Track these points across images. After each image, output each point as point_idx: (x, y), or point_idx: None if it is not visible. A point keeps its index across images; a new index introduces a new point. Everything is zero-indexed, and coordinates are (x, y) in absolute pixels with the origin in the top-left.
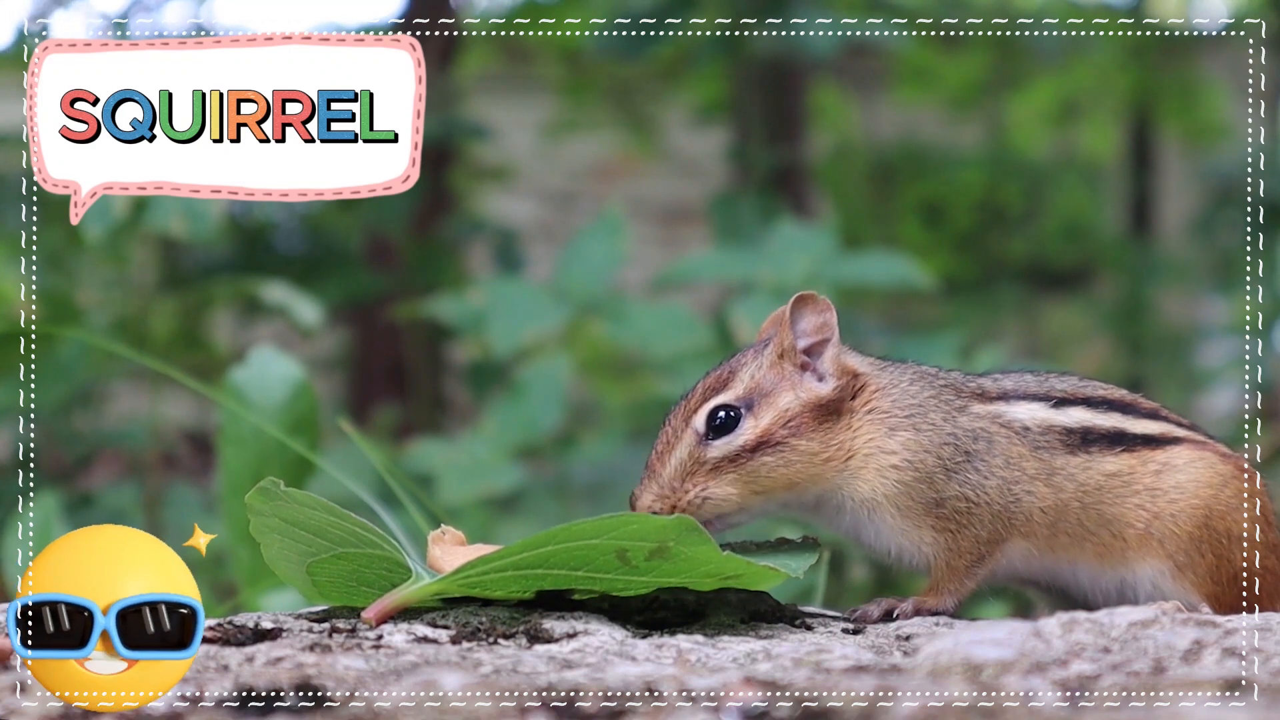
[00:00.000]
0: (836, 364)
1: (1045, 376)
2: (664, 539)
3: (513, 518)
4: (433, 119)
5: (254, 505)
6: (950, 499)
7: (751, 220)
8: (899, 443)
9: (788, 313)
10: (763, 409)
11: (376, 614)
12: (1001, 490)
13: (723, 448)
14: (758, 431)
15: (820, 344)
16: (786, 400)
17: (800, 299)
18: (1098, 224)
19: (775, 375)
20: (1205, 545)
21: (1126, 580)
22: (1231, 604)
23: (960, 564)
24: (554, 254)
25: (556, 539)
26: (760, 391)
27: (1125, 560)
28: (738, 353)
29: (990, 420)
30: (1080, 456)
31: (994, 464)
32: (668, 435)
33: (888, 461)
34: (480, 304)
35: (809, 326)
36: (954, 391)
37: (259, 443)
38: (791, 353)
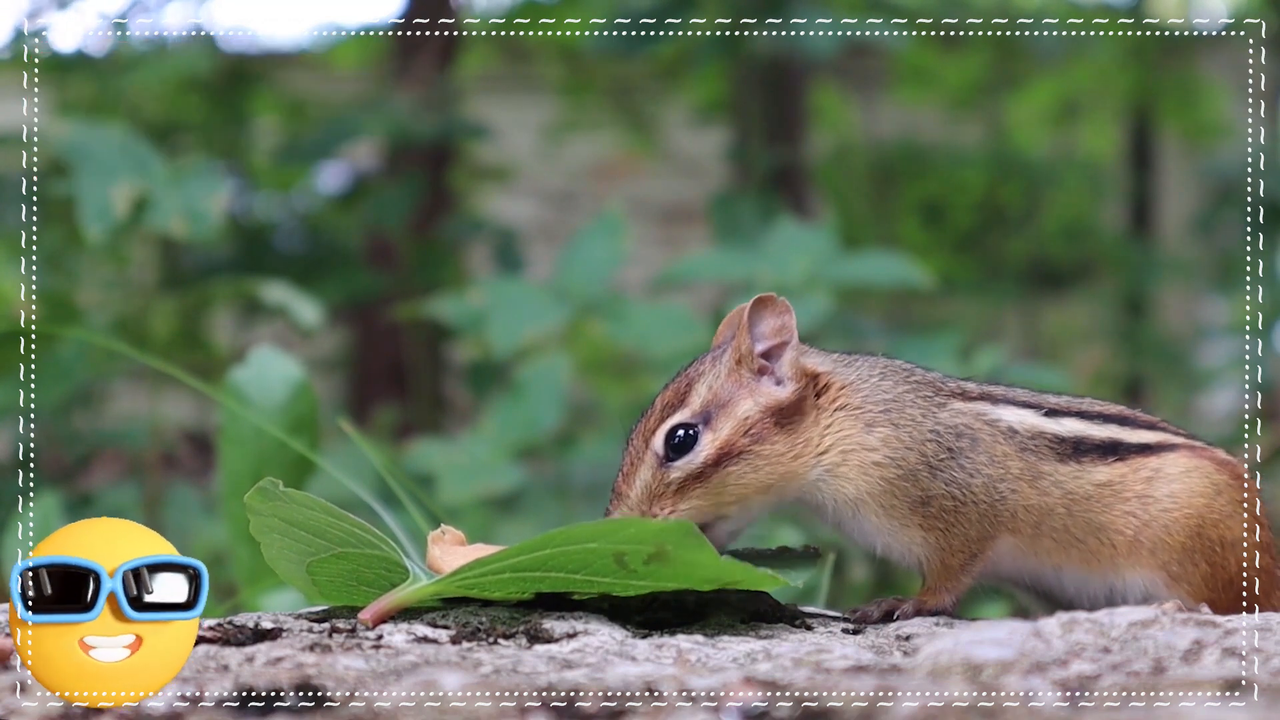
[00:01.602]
0: (795, 367)
1: (1040, 393)
2: (662, 543)
3: (513, 518)
4: (433, 119)
5: (253, 505)
6: (936, 497)
7: (751, 220)
8: (878, 439)
9: (745, 316)
10: (721, 420)
11: (374, 615)
12: (987, 488)
13: (684, 467)
14: (717, 445)
15: (779, 347)
16: (745, 408)
17: (758, 301)
18: (1098, 224)
19: (733, 383)
20: (1199, 555)
21: (1116, 588)
22: (1227, 607)
23: (954, 562)
24: (554, 254)
25: (554, 542)
26: (718, 402)
27: (1115, 567)
28: (696, 360)
29: (974, 417)
30: (1070, 465)
31: (979, 461)
32: (631, 456)
33: (869, 459)
34: (480, 304)
35: (768, 329)
36: (932, 388)
37: (259, 443)
38: (749, 358)
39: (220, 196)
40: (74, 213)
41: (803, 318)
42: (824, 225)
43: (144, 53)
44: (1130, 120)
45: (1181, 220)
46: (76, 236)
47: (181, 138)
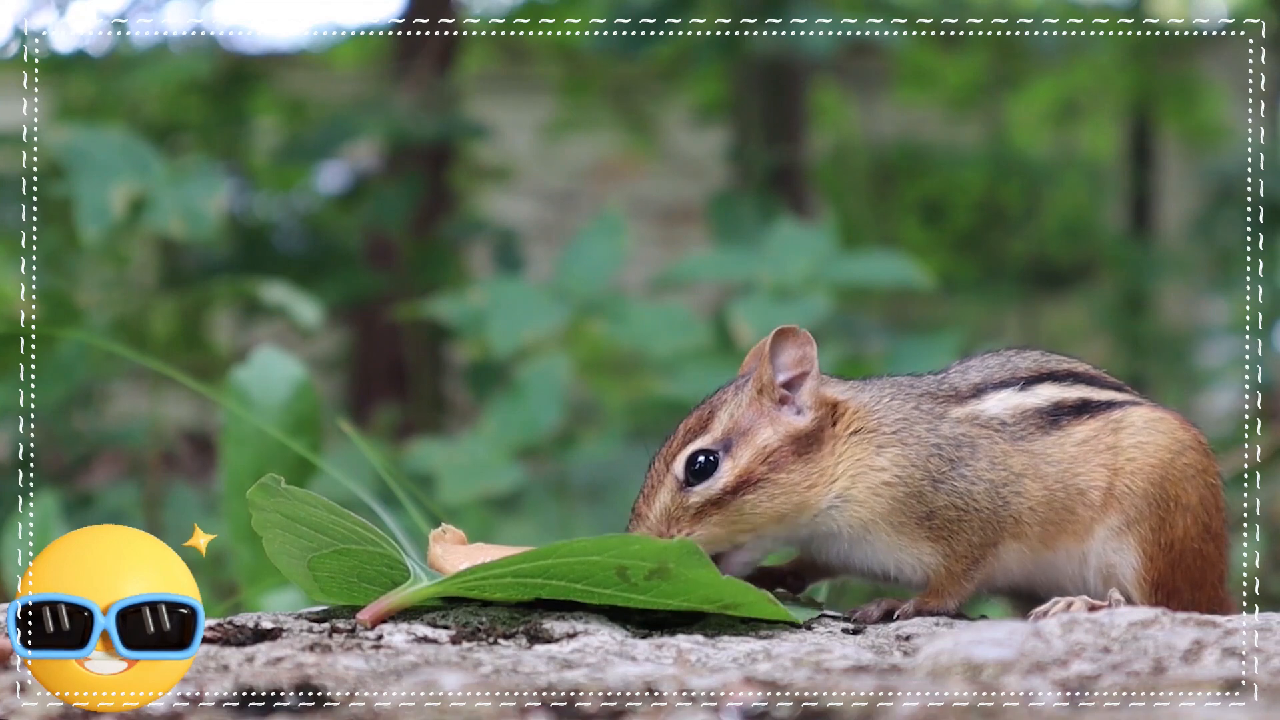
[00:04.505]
0: (815, 396)
1: (1007, 357)
2: (664, 560)
3: (513, 518)
4: (433, 119)
5: (255, 500)
6: (940, 509)
7: (751, 220)
8: (888, 459)
9: (767, 347)
10: (741, 448)
11: (372, 615)
12: (989, 494)
13: (703, 493)
14: (736, 473)
15: (800, 377)
16: (765, 437)
17: (780, 333)
18: (1098, 223)
19: (754, 412)
20: (1155, 504)
21: (1087, 550)
22: (1162, 570)
23: (958, 568)
24: (554, 254)
25: (558, 553)
26: (739, 430)
27: (1090, 530)
28: (721, 389)
29: (970, 424)
30: (1055, 434)
31: (979, 468)
32: (653, 479)
33: (879, 479)
34: (480, 304)
35: (789, 360)
36: (931, 399)
37: (261, 442)
38: (770, 388)
39: (219, 196)
40: (73, 213)
41: (803, 318)
42: (824, 225)
43: (144, 53)
44: (1130, 120)
45: (1181, 220)
46: (76, 236)
47: (181, 138)
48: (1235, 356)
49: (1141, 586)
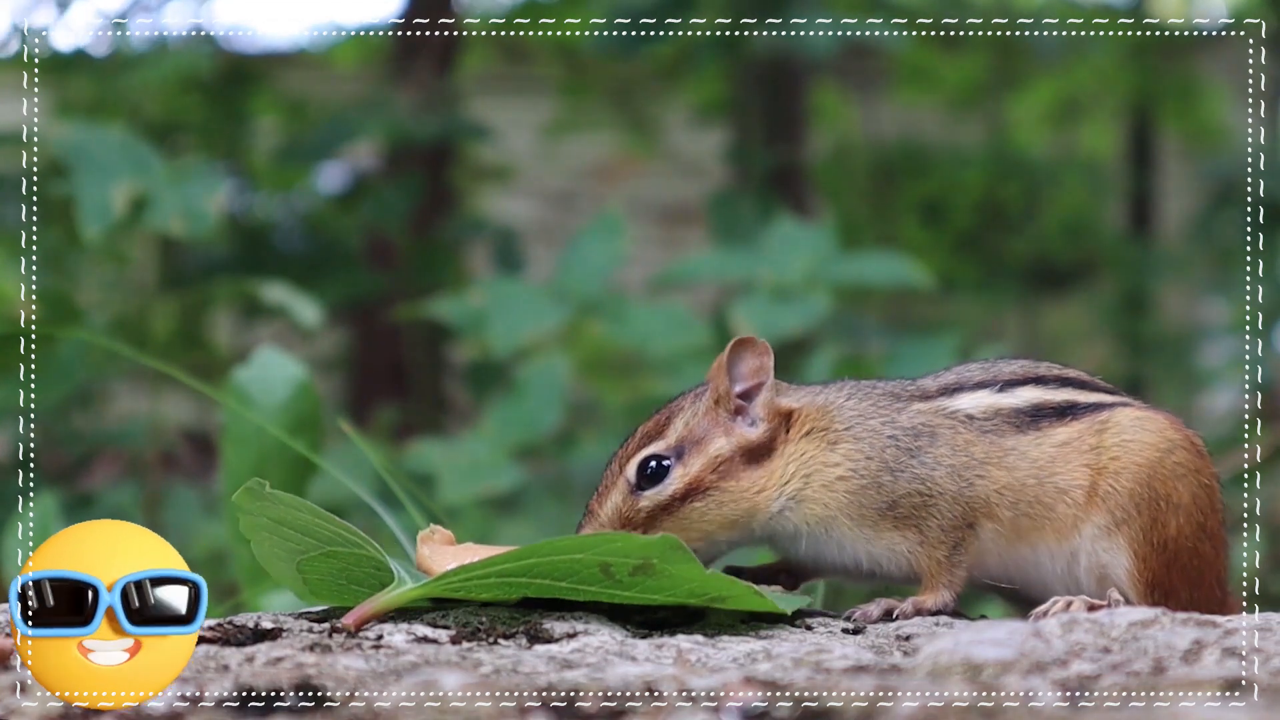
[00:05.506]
0: (769, 407)
1: (993, 363)
2: (648, 556)
3: (513, 518)
4: (433, 119)
5: (241, 504)
6: (903, 498)
7: (751, 220)
8: (841, 454)
9: (724, 358)
10: (693, 456)
11: (356, 619)
12: (952, 476)
13: (653, 498)
14: (686, 480)
15: (756, 387)
16: (717, 446)
17: (738, 343)
18: (1098, 223)
19: (709, 421)
20: (1144, 504)
21: (1075, 549)
22: (1157, 570)
23: (939, 554)
24: (554, 254)
25: (541, 552)
26: (692, 439)
27: (1077, 529)
28: (681, 394)
29: (932, 414)
30: (1031, 434)
31: (939, 454)
32: (608, 479)
33: (833, 474)
34: (480, 304)
35: (746, 370)
36: (892, 397)
37: (261, 442)
38: (726, 398)
39: (219, 196)
40: (73, 212)
41: (803, 318)
42: (823, 225)
43: (144, 52)
44: (1130, 120)
45: (1181, 220)
46: (76, 236)
47: (181, 138)
48: (1235, 356)
49: (1136, 586)
